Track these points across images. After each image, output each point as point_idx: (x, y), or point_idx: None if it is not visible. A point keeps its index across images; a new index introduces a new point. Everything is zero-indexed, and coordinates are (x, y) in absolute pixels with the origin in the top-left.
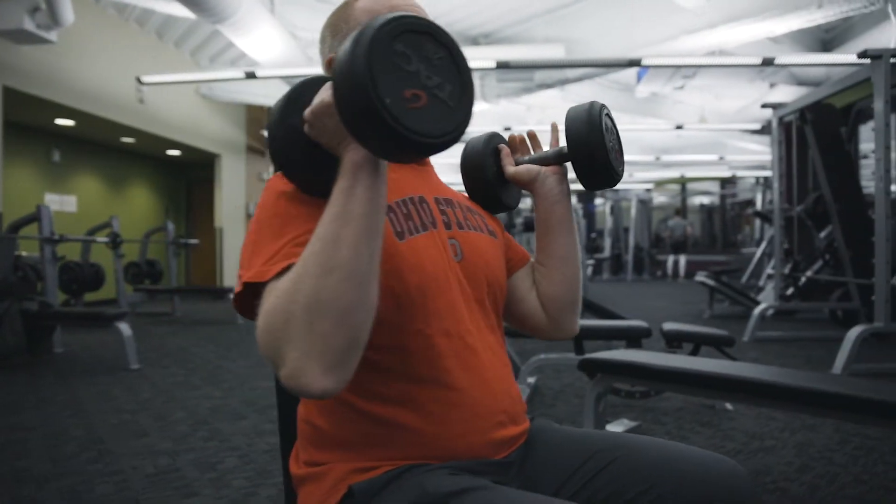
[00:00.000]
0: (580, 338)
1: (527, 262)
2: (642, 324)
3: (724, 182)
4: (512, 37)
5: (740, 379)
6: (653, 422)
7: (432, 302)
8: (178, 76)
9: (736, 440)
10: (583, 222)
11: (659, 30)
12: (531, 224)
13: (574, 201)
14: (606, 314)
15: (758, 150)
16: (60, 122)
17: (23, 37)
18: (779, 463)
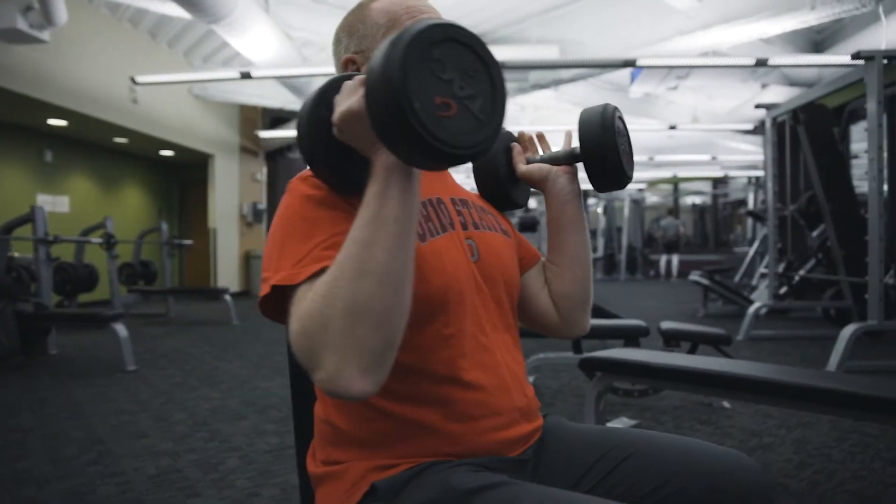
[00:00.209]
0: (578, 337)
1: (538, 261)
2: (640, 323)
3: (716, 182)
4: (506, 37)
5: (741, 377)
6: (651, 420)
7: (452, 303)
8: (172, 76)
9: (734, 437)
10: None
11: (653, 31)
12: (527, 224)
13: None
14: (604, 313)
15: (750, 150)
16: (53, 122)
17: (15, 36)
18: (778, 460)
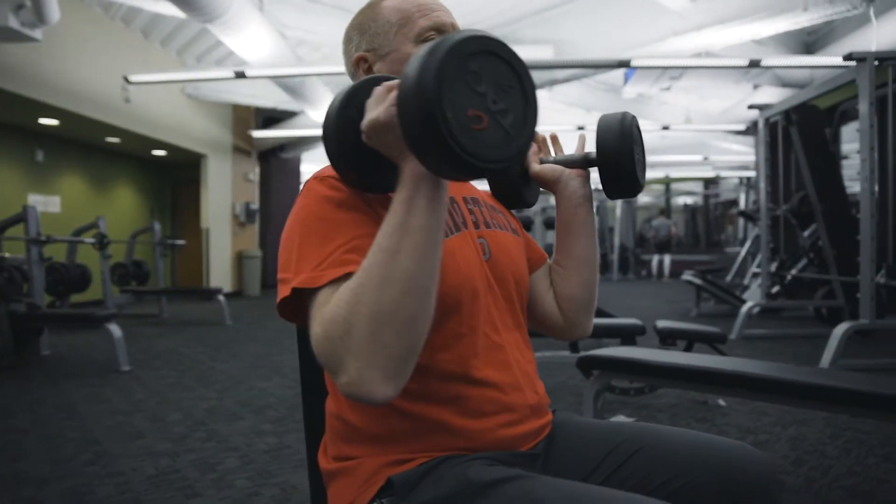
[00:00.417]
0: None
1: (544, 263)
2: (637, 322)
3: (708, 182)
4: (501, 37)
5: (740, 374)
6: (647, 418)
7: (466, 302)
8: (166, 75)
9: (730, 435)
10: None
11: (646, 31)
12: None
13: (552, 201)
14: (599, 312)
15: (741, 150)
16: (44, 121)
17: (7, 35)
18: (774, 456)
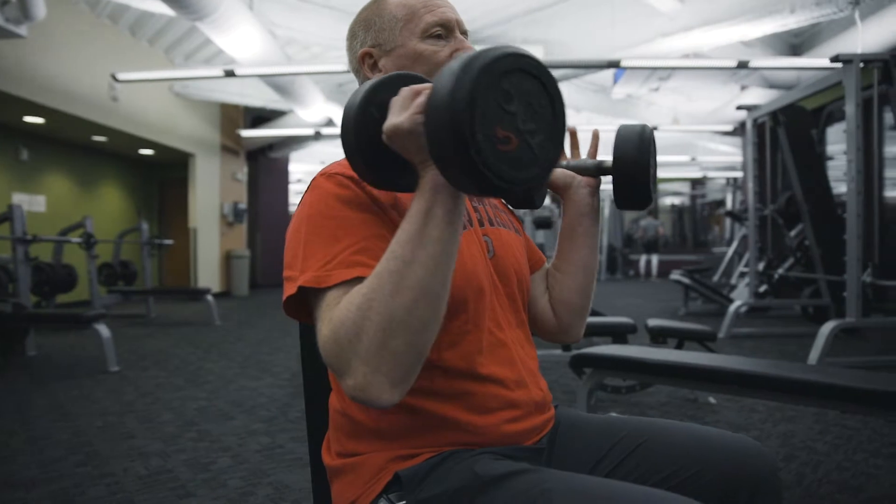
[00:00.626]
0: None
1: (542, 265)
2: (628, 320)
3: (695, 183)
4: (491, 38)
5: (733, 371)
6: (639, 416)
7: (472, 300)
8: (155, 73)
9: None
10: (558, 222)
11: (636, 32)
12: None
13: (547, 201)
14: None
15: (728, 151)
16: (29, 119)
17: None
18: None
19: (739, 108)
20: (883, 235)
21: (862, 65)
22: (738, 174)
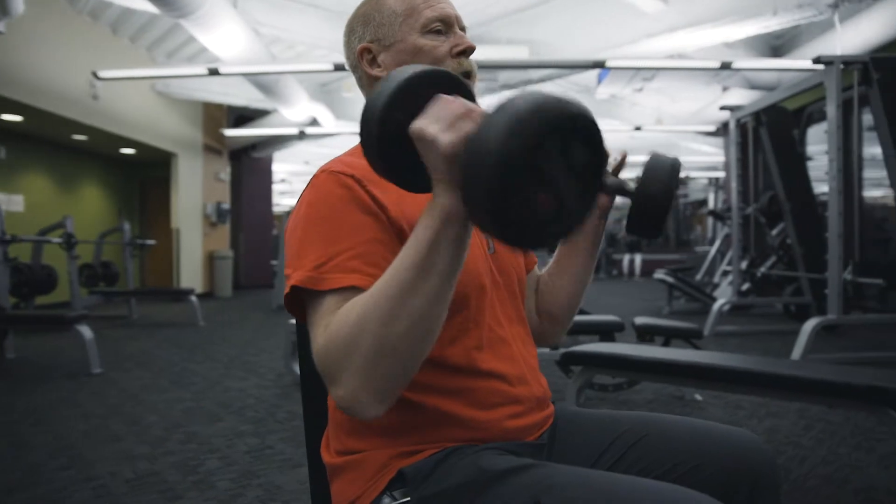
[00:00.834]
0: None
1: (534, 266)
2: (616, 318)
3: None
4: (476, 37)
5: (724, 367)
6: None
7: (473, 296)
8: (138, 72)
9: None
10: None
11: (621, 33)
12: None
13: None
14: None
15: (710, 151)
16: (7, 117)
17: None
18: None
19: (723, 108)
20: (863, 234)
21: (842, 66)
22: (720, 174)
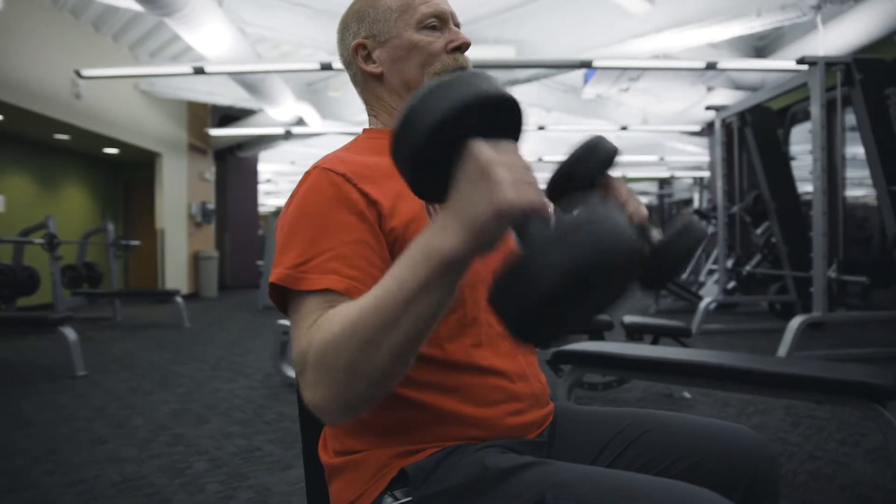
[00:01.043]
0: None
1: None
2: (605, 317)
3: (662, 182)
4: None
5: (714, 365)
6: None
7: (469, 292)
8: (122, 70)
9: None
10: None
11: (607, 33)
12: None
13: None
14: None
15: (695, 151)
16: None
17: None
18: None
19: (709, 108)
20: (845, 233)
21: (826, 67)
22: (705, 174)
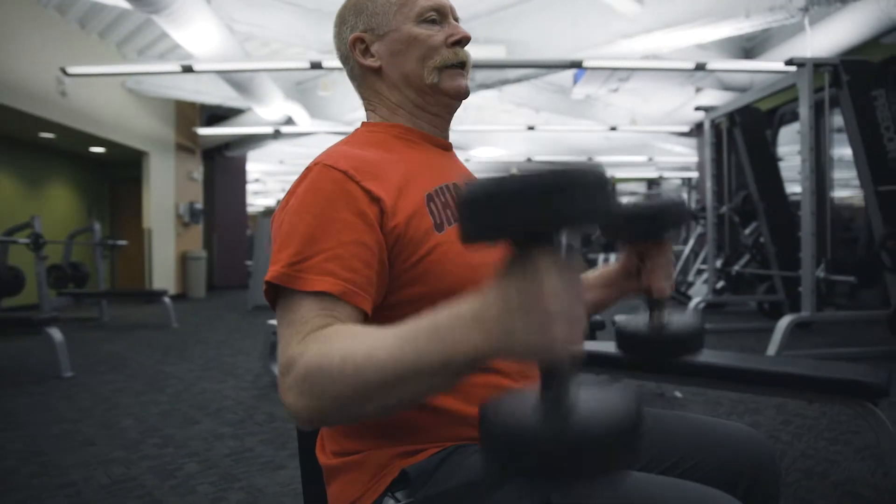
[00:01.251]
0: None
1: None
2: (597, 317)
3: (651, 183)
4: None
5: (707, 364)
6: None
7: (470, 291)
8: (108, 68)
9: None
10: None
11: (597, 34)
12: None
13: None
14: None
15: (683, 152)
16: None
17: None
18: None
19: (698, 108)
20: (833, 233)
21: (814, 68)
22: (693, 174)
